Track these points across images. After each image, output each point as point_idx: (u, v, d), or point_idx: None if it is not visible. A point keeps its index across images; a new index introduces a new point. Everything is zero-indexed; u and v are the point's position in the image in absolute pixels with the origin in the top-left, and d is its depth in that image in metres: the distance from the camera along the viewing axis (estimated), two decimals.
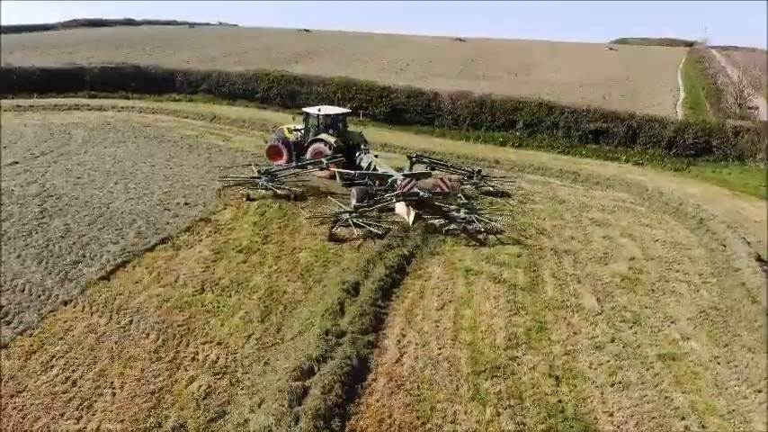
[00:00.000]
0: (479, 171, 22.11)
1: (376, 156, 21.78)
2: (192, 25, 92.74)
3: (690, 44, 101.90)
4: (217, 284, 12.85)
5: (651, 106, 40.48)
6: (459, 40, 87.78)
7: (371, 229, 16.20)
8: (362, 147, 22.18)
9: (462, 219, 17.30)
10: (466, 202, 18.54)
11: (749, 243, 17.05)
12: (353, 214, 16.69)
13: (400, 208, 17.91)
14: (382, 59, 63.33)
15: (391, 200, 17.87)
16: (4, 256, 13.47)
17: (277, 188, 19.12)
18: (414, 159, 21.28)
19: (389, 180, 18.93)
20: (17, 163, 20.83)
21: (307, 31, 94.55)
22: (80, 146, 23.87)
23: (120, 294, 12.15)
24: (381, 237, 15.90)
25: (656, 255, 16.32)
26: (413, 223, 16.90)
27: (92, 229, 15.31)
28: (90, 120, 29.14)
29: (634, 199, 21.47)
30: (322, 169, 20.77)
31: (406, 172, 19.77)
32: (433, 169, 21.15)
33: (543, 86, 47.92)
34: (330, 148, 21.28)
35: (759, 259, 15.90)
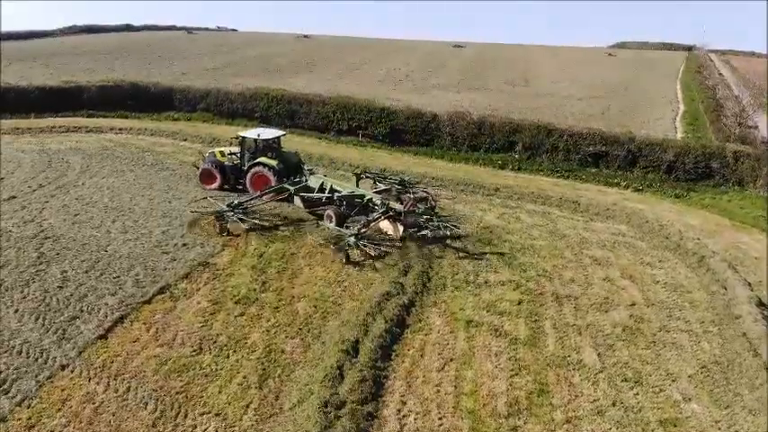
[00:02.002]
0: (406, 180, 23.43)
1: (324, 175, 22.57)
2: (189, 31, 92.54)
3: (689, 48, 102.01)
4: (215, 342, 12.73)
5: (650, 121, 40.53)
6: (458, 46, 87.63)
7: (370, 252, 17.28)
8: (304, 167, 22.88)
9: (435, 227, 19.27)
10: (437, 211, 20.48)
11: (750, 284, 16.97)
12: (357, 236, 17.40)
13: (386, 225, 19.11)
14: (380, 69, 63.21)
15: (380, 218, 18.89)
16: (2, 311, 13.34)
17: (242, 220, 18.89)
18: (360, 175, 22.49)
19: (365, 200, 20.02)
20: (15, 197, 20.69)
21: (306, 36, 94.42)
22: (78, 176, 23.71)
23: (118, 356, 12.03)
24: (383, 257, 17.45)
25: (657, 299, 16.23)
26: (401, 238, 18.64)
27: (89, 278, 15.18)
28: (88, 144, 28.97)
29: (634, 233, 21.37)
30: (285, 197, 21.24)
31: (378, 189, 21.56)
32: (376, 182, 22.93)
33: (542, 99, 47.96)
34: (273, 173, 21.76)
35: (760, 304, 15.83)
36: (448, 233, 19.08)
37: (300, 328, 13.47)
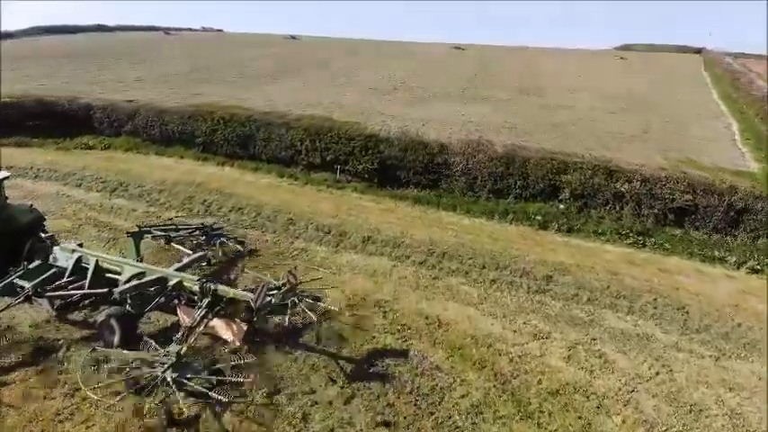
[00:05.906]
0: (212, 226, 16.59)
1: (80, 244, 12.69)
2: (167, 31, 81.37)
3: (698, 51, 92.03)
4: None
5: (705, 144, 30.23)
6: (458, 48, 77.24)
7: (215, 395, 9.11)
8: (44, 235, 13.34)
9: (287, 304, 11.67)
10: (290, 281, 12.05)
11: None
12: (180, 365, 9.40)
13: (218, 324, 11.15)
14: (372, 75, 52.52)
15: (208, 317, 10.78)
16: None
17: None
18: (140, 233, 14.18)
19: (169, 285, 11.28)
20: None
21: (293, 38, 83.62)
22: None
23: None
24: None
25: None
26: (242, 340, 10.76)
27: None
28: None
29: None
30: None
31: (185, 261, 12.94)
32: (169, 241, 15.44)
33: (564, 113, 37.32)
34: None
35: None
36: (303, 308, 11.78)
37: None
